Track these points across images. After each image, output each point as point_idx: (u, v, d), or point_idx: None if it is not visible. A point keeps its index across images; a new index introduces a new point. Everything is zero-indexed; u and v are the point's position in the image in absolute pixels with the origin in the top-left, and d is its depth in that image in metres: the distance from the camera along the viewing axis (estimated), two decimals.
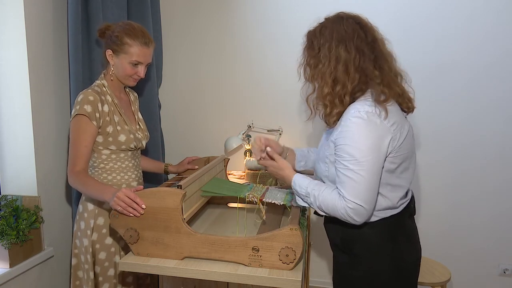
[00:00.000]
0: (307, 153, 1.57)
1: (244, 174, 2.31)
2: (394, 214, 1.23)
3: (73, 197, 1.89)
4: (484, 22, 2.10)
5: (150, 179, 2.14)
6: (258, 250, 1.22)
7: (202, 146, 2.55)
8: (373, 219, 1.22)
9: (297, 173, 1.31)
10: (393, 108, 1.19)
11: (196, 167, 1.89)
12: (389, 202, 1.21)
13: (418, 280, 1.80)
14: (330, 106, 1.21)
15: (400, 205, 1.25)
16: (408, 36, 2.19)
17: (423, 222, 2.28)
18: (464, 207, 2.27)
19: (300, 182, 1.27)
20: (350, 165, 1.12)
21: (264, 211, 1.44)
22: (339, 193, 1.16)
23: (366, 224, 1.21)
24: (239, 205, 1.79)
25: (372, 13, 2.16)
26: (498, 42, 2.09)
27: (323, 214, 1.23)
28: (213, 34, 2.44)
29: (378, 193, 1.19)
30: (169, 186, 1.53)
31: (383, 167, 1.17)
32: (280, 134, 2.38)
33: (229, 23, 2.41)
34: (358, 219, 1.14)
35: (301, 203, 1.28)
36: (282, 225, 1.53)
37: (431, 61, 2.19)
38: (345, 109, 1.20)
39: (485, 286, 2.30)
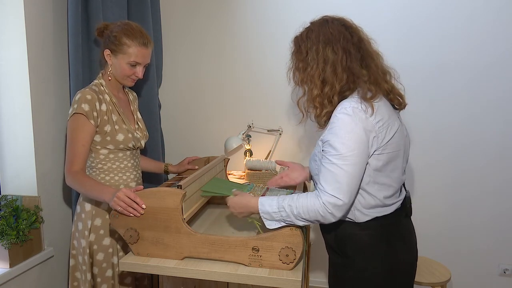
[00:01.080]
0: None
1: (244, 174, 2.30)
2: (387, 214, 1.23)
3: (73, 197, 1.88)
4: (484, 22, 2.10)
5: (150, 179, 2.13)
6: (258, 250, 1.22)
7: (202, 146, 2.55)
8: (364, 218, 1.21)
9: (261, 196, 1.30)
10: (381, 105, 1.19)
11: (196, 167, 1.89)
12: (378, 201, 1.21)
13: (419, 280, 1.82)
14: (320, 107, 1.23)
15: (392, 204, 1.24)
16: (408, 36, 2.19)
17: (423, 222, 2.28)
18: (464, 207, 2.27)
19: (268, 201, 1.23)
20: (334, 159, 1.13)
21: None
22: (316, 193, 1.16)
23: (358, 224, 1.22)
24: None
25: (372, 13, 2.20)
26: (498, 42, 2.09)
27: (302, 222, 1.18)
28: (213, 34, 2.44)
29: (364, 191, 1.19)
30: (169, 186, 1.53)
31: (367, 164, 1.17)
32: (280, 134, 2.38)
33: (229, 23, 2.41)
34: (337, 214, 1.13)
35: (273, 225, 1.22)
36: None
37: (431, 61, 2.19)
38: (334, 108, 1.21)
39: (485, 286, 2.30)
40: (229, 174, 2.24)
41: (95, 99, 1.48)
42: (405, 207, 1.29)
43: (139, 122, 1.70)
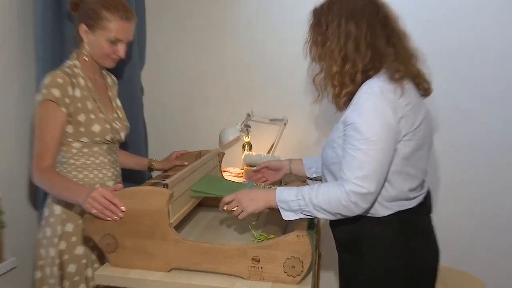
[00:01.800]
0: (317, 158, 1.62)
1: (242, 171, 2.31)
2: (409, 209, 1.28)
3: (40, 198, 1.88)
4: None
5: (131, 178, 2.12)
6: (258, 261, 1.22)
7: (192, 138, 2.54)
8: (384, 212, 1.26)
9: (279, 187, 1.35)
10: (410, 87, 1.25)
11: (186, 163, 1.88)
12: (401, 193, 1.26)
13: None
14: (340, 86, 1.27)
15: (414, 197, 1.30)
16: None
17: (444, 224, 2.25)
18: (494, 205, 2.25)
19: (287, 191, 1.28)
20: (359, 144, 1.17)
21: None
22: (339, 182, 1.20)
23: (377, 219, 1.27)
24: None
25: None
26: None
27: (322, 214, 1.23)
28: (202, 7, 2.41)
29: (387, 181, 1.23)
30: (153, 185, 1.53)
31: (396, 150, 1.21)
32: (285, 124, 2.36)
33: None
34: (361, 204, 1.17)
35: (290, 216, 1.27)
36: (287, 231, 1.52)
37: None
38: (357, 88, 1.25)
39: None
40: (224, 171, 2.24)
41: (67, 83, 1.48)
42: (425, 204, 1.35)
43: (118, 111, 1.72)
